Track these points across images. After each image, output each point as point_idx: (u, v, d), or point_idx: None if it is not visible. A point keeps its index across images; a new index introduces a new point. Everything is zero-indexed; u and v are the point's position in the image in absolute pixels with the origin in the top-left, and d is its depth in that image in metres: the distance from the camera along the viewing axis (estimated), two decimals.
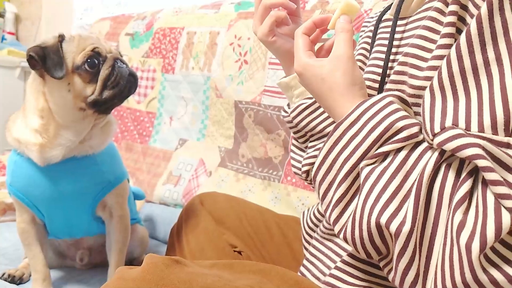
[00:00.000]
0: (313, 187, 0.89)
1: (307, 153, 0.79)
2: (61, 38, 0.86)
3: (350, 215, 0.53)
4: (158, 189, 1.53)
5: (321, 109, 0.75)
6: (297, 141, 0.83)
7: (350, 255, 0.63)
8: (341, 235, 0.54)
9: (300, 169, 0.81)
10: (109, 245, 0.98)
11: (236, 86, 1.40)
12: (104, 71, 0.85)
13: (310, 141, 0.79)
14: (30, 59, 0.83)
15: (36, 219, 0.94)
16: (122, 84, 0.86)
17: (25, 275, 1.01)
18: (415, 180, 0.48)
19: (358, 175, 0.53)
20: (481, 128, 0.46)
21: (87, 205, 0.93)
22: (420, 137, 0.51)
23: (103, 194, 0.93)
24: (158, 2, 2.02)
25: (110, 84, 0.85)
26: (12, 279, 0.99)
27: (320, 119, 0.75)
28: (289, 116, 0.79)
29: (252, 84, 1.35)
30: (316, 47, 0.70)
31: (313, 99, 0.75)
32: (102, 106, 0.86)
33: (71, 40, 0.86)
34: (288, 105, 0.82)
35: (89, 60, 0.84)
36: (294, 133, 0.81)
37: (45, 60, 0.82)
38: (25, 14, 2.73)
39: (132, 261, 1.12)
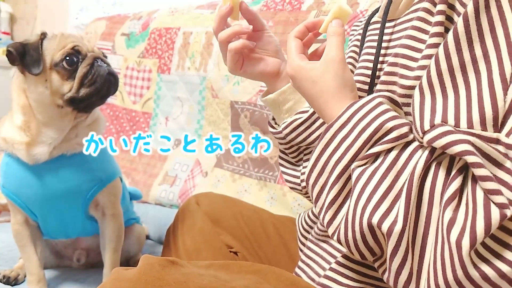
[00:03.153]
0: (310, 200, 0.88)
1: (304, 167, 0.78)
2: (43, 36, 0.87)
3: (343, 217, 0.53)
4: (154, 190, 1.52)
5: (318, 123, 0.74)
6: (287, 155, 0.82)
7: (345, 256, 0.63)
8: (335, 237, 0.54)
9: (296, 184, 0.81)
10: (103, 244, 0.97)
11: (232, 86, 1.40)
12: (81, 69, 0.86)
13: (305, 154, 0.79)
14: (9, 54, 0.84)
15: (30, 221, 0.94)
16: (99, 82, 0.86)
17: (20, 276, 1.01)
18: (406, 179, 0.48)
19: (350, 177, 0.54)
20: (470, 125, 0.47)
21: (79, 204, 0.93)
22: (410, 137, 0.52)
23: (94, 193, 0.93)
24: (154, 2, 2.02)
25: (87, 82, 0.85)
26: (7, 280, 0.99)
27: (318, 133, 0.74)
28: (281, 133, 0.77)
29: (248, 84, 1.35)
30: (312, 49, 0.71)
31: (308, 114, 0.74)
32: (80, 104, 0.87)
33: (53, 38, 0.87)
34: (274, 120, 0.80)
35: (67, 58, 0.85)
36: (286, 148, 0.80)
37: (24, 57, 0.84)
38: (20, 14, 2.72)
39: (128, 260, 1.11)
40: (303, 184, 0.78)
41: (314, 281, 0.67)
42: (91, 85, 0.86)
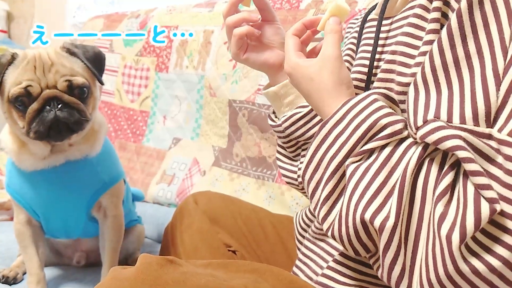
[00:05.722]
0: (306, 196, 0.89)
1: (301, 162, 0.78)
2: (13, 58, 0.83)
3: (337, 212, 0.54)
4: (152, 189, 1.52)
5: (318, 118, 0.74)
6: (285, 150, 0.82)
7: (342, 254, 0.63)
8: (329, 233, 0.55)
9: (293, 179, 0.81)
10: (103, 244, 0.98)
11: (230, 85, 1.40)
12: (28, 113, 0.81)
13: (303, 149, 0.79)
14: None
15: (33, 221, 0.94)
16: (43, 129, 0.81)
17: (18, 275, 1.01)
18: (399, 175, 0.49)
19: (345, 173, 0.54)
20: (462, 120, 0.47)
21: (82, 206, 0.93)
22: (405, 134, 0.52)
23: (98, 195, 0.93)
24: (152, 0, 2.01)
25: (35, 126, 0.81)
26: (5, 280, 0.99)
27: (317, 128, 0.74)
28: (280, 126, 0.77)
29: (246, 83, 1.35)
30: (310, 47, 0.71)
31: (308, 108, 0.74)
32: (39, 139, 0.83)
33: (18, 65, 0.82)
34: (274, 113, 0.80)
35: (18, 99, 0.81)
36: (284, 142, 0.80)
37: None
38: (18, 12, 2.71)
39: (127, 258, 1.12)
40: (300, 179, 0.78)
41: (312, 280, 0.67)
42: (37, 131, 0.81)
